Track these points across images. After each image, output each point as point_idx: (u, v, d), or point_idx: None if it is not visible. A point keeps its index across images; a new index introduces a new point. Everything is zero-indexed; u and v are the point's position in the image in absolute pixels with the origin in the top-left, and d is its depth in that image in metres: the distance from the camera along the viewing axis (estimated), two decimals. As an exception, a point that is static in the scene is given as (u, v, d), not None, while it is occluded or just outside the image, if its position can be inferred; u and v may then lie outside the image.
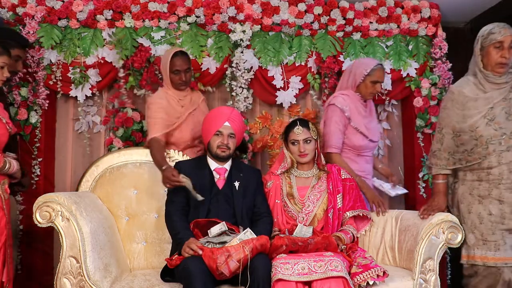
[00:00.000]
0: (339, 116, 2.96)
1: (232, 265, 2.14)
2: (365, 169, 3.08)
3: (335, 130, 2.95)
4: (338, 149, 2.97)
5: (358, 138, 3.00)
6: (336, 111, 2.97)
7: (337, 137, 2.95)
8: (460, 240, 2.42)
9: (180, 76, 2.93)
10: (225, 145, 2.59)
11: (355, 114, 3.00)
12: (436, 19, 3.64)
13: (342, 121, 2.96)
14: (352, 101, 3.01)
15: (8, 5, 3.24)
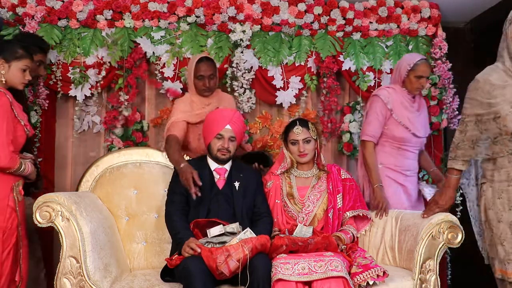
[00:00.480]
0: (380, 107, 2.97)
1: (232, 265, 2.14)
2: (403, 165, 3.03)
3: (373, 119, 2.98)
4: (373, 138, 2.98)
5: (399, 130, 2.98)
6: (379, 102, 2.99)
7: (373, 127, 2.98)
8: (460, 240, 2.41)
9: (204, 82, 2.91)
10: (225, 149, 2.58)
11: (398, 106, 2.99)
12: (436, 19, 3.64)
13: (382, 112, 2.97)
14: (397, 95, 3.01)
15: (8, 5, 3.25)
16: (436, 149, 3.68)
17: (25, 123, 2.50)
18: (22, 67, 2.49)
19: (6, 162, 2.33)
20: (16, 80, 2.48)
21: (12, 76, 2.47)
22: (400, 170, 3.00)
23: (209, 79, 2.91)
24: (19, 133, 2.45)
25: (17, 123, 2.44)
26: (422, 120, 3.10)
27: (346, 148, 3.66)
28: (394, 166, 2.99)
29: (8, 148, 2.33)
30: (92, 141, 3.48)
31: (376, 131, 2.98)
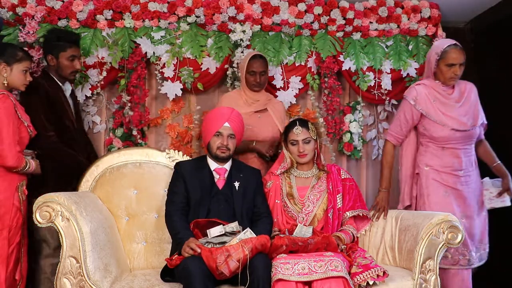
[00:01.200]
0: (406, 111, 2.87)
1: (232, 265, 2.14)
2: (452, 165, 2.81)
3: (397, 121, 2.92)
4: (393, 139, 2.94)
5: (437, 128, 2.80)
6: (406, 105, 2.88)
7: (395, 127, 2.92)
8: (460, 240, 2.41)
9: (255, 78, 3.09)
10: (224, 146, 2.59)
11: (429, 104, 2.81)
12: (436, 19, 3.64)
13: (410, 114, 2.86)
14: (428, 91, 2.83)
15: (8, 5, 3.24)
16: (436, 149, 3.67)
17: (28, 124, 2.60)
18: (23, 68, 2.59)
19: (14, 161, 2.47)
20: (18, 82, 2.60)
21: (14, 78, 2.58)
22: (448, 171, 2.81)
23: (260, 75, 3.09)
24: (23, 134, 2.57)
25: (21, 124, 2.56)
26: (466, 110, 2.83)
27: (346, 148, 3.66)
28: (441, 167, 2.81)
29: (14, 149, 2.47)
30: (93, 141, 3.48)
31: (398, 133, 2.92)
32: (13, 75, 2.58)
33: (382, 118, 3.80)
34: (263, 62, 3.12)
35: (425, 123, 2.83)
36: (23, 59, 2.59)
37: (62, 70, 2.93)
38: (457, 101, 2.84)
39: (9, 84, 2.57)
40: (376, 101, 3.70)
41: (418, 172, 2.89)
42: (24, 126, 2.58)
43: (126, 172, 2.79)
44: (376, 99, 3.67)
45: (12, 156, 2.46)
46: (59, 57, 2.90)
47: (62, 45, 2.90)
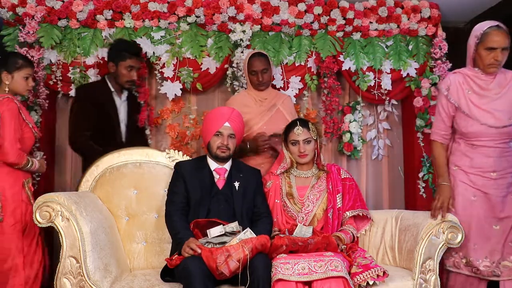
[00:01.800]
0: (442, 102, 2.61)
1: (232, 265, 2.14)
2: (483, 165, 2.52)
3: (436, 116, 2.66)
4: (438, 137, 2.64)
5: (467, 123, 2.52)
6: (440, 95, 2.65)
7: (438, 123, 2.64)
8: (460, 240, 2.41)
9: (257, 77, 3.07)
10: (225, 146, 2.59)
11: (462, 95, 2.54)
12: (436, 19, 3.64)
13: (446, 106, 2.59)
14: (464, 79, 2.56)
15: (8, 5, 3.25)
16: (436, 149, 3.68)
17: (32, 126, 2.76)
18: (24, 75, 2.73)
19: (14, 158, 2.60)
20: (20, 88, 2.74)
21: (16, 85, 2.73)
22: (478, 172, 2.53)
23: (262, 74, 3.07)
24: (27, 135, 2.72)
25: (25, 125, 2.71)
26: (504, 104, 2.50)
27: (346, 148, 3.66)
28: (469, 168, 2.55)
29: (15, 146, 2.60)
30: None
31: (442, 129, 2.62)
32: (15, 82, 2.72)
33: (382, 118, 3.81)
34: (263, 59, 3.08)
35: (456, 116, 2.57)
36: (23, 67, 2.72)
37: (119, 78, 3.09)
38: (496, 93, 2.50)
39: (11, 90, 2.71)
40: (376, 101, 3.70)
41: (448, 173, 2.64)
42: (28, 127, 2.73)
43: (126, 172, 2.79)
44: (376, 99, 3.67)
45: (13, 153, 2.59)
46: (118, 66, 3.06)
47: (123, 55, 3.05)
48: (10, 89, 2.71)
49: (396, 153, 3.87)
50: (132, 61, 3.07)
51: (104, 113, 3.05)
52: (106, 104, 3.07)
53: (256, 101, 3.12)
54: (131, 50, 3.09)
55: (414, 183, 3.68)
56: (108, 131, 3.05)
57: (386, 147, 3.83)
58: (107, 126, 3.06)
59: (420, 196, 3.63)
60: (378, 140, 3.79)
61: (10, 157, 2.58)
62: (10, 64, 2.71)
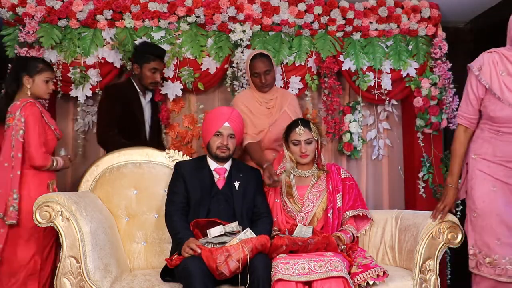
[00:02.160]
0: (472, 83, 2.41)
1: (232, 265, 2.14)
2: (506, 153, 2.35)
3: (464, 98, 2.46)
4: (465, 120, 2.45)
5: (496, 106, 2.34)
6: (471, 75, 2.43)
7: (465, 105, 2.44)
8: (460, 240, 2.41)
9: (260, 79, 3.04)
10: (224, 146, 2.59)
11: (494, 75, 2.35)
12: (436, 19, 3.64)
13: (475, 87, 2.40)
14: (500, 60, 2.37)
15: (8, 5, 3.24)
16: (436, 149, 3.68)
17: (54, 127, 2.83)
18: (44, 79, 2.79)
19: (41, 161, 2.68)
20: (40, 91, 2.80)
21: (37, 88, 2.78)
22: (500, 161, 2.36)
23: (265, 75, 3.03)
24: (50, 137, 2.79)
25: (48, 128, 2.78)
26: None
27: (346, 148, 3.66)
28: (491, 156, 2.37)
29: (40, 150, 2.68)
30: (93, 141, 3.48)
31: (469, 112, 2.43)
32: (36, 85, 2.78)
33: (382, 118, 3.81)
34: (265, 60, 3.04)
35: (486, 99, 2.38)
36: (43, 70, 2.79)
37: (143, 79, 3.14)
38: None
39: (32, 94, 2.77)
40: (376, 101, 3.70)
41: (467, 162, 2.49)
42: (50, 129, 2.80)
43: (126, 172, 2.79)
44: (376, 99, 3.67)
45: (39, 157, 2.67)
46: (143, 68, 3.11)
47: (148, 57, 3.10)
48: (31, 92, 2.77)
49: (396, 153, 3.87)
50: (156, 64, 3.11)
51: (131, 112, 3.10)
52: (133, 104, 3.13)
53: (261, 103, 3.09)
54: (155, 53, 3.15)
55: (414, 183, 3.68)
56: (133, 130, 3.10)
57: (386, 147, 3.83)
58: (133, 125, 3.11)
59: (420, 196, 3.63)
60: (378, 140, 3.79)
61: (36, 161, 2.67)
62: (31, 68, 2.77)
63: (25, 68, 2.78)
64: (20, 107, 2.65)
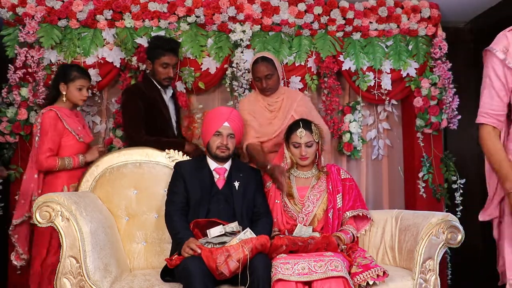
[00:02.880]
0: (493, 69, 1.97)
1: (232, 265, 2.14)
2: None
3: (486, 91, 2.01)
4: (490, 119, 2.01)
5: None
6: (492, 60, 1.98)
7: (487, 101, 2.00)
8: (460, 240, 2.41)
9: (261, 83, 2.99)
10: (224, 146, 2.59)
11: None
12: (436, 19, 3.64)
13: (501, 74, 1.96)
14: None
15: (8, 5, 3.25)
16: (436, 149, 3.68)
17: (77, 133, 2.88)
18: (77, 86, 2.90)
19: (44, 166, 2.77)
20: (74, 98, 2.91)
21: (71, 95, 2.90)
22: None
23: (266, 79, 2.97)
24: (70, 142, 2.86)
25: (67, 134, 2.84)
26: None
27: (346, 148, 3.66)
28: None
29: (44, 154, 2.76)
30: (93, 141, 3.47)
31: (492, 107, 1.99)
32: (69, 92, 2.89)
33: (382, 118, 3.81)
34: (267, 64, 2.96)
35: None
36: (76, 78, 2.89)
37: (156, 75, 3.07)
38: None
39: (68, 101, 2.90)
40: (376, 101, 3.70)
41: None
42: (71, 135, 2.86)
43: (126, 172, 2.79)
44: (376, 99, 3.68)
45: (42, 161, 2.76)
46: (154, 63, 3.05)
47: (158, 52, 3.02)
48: (67, 99, 2.89)
49: (396, 153, 3.87)
50: (167, 58, 3.02)
51: (157, 110, 3.05)
52: (157, 102, 3.06)
53: (265, 106, 3.07)
54: (165, 47, 3.04)
55: (414, 183, 3.68)
56: (161, 127, 3.06)
57: (386, 147, 3.83)
58: (161, 123, 3.07)
59: (420, 196, 3.63)
60: (378, 140, 3.79)
61: (39, 165, 2.78)
62: (66, 75, 2.89)
63: (61, 75, 2.90)
64: (40, 115, 2.81)
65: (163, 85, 3.10)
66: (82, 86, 2.91)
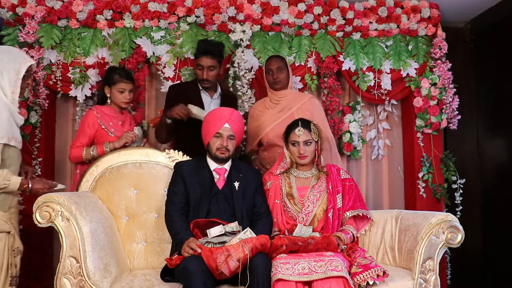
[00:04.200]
0: None
1: (232, 265, 2.14)
2: None
3: None
4: None
5: None
6: None
7: None
8: (460, 240, 2.41)
9: (272, 75, 3.15)
10: (224, 147, 2.58)
11: None
12: (436, 19, 3.64)
13: None
14: None
15: (8, 5, 3.25)
16: (436, 149, 3.68)
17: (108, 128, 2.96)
18: (119, 89, 2.99)
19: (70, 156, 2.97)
20: (116, 101, 3.02)
21: (114, 98, 3.01)
22: None
23: (277, 72, 3.14)
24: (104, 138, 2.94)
25: (101, 130, 2.94)
26: None
27: (346, 148, 3.66)
28: None
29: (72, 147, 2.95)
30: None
31: None
32: (112, 95, 3.01)
33: (382, 118, 3.81)
34: (279, 60, 3.17)
35: None
36: (117, 81, 2.98)
37: (196, 77, 3.13)
38: None
39: (112, 103, 3.02)
40: (376, 101, 3.70)
41: None
42: (107, 135, 2.96)
43: (126, 172, 2.79)
44: (376, 99, 3.68)
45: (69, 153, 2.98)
46: (194, 65, 3.11)
47: (196, 55, 3.09)
48: (111, 101, 3.02)
49: (396, 153, 3.87)
50: (202, 60, 3.04)
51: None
52: (192, 102, 3.03)
53: (270, 104, 3.17)
54: (201, 49, 3.08)
55: (414, 183, 3.68)
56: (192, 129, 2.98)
57: (386, 147, 3.83)
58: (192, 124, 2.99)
59: (420, 196, 3.63)
60: (378, 140, 3.79)
61: (69, 156, 2.99)
62: (109, 79, 3.01)
63: (106, 78, 3.03)
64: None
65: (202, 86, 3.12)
66: (123, 89, 2.99)
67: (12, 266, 2.44)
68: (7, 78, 2.43)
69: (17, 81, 2.44)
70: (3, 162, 2.39)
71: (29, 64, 2.50)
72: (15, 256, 2.47)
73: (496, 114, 3.79)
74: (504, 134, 3.69)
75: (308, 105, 3.16)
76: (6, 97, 2.42)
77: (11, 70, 2.43)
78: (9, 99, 2.44)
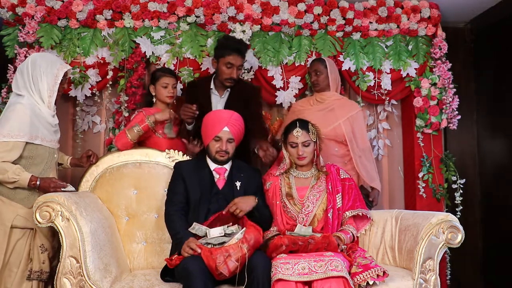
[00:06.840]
0: None
1: (231, 265, 2.14)
2: None
3: None
4: None
5: None
6: None
7: None
8: (460, 240, 2.41)
9: (311, 77, 3.31)
10: (223, 151, 2.58)
11: None
12: (436, 19, 3.64)
13: None
14: None
15: (8, 5, 3.24)
16: (436, 149, 3.68)
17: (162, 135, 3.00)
18: (162, 84, 3.04)
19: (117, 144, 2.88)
20: (161, 96, 3.05)
21: (158, 94, 3.05)
22: None
23: (316, 74, 3.27)
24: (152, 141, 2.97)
25: (151, 134, 2.96)
26: None
27: (346, 148, 3.65)
28: None
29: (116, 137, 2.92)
30: (92, 141, 3.48)
31: None
32: (157, 91, 3.05)
33: (382, 118, 3.81)
34: (319, 64, 3.27)
35: None
36: (161, 77, 3.04)
37: (219, 75, 3.06)
38: None
39: (158, 101, 3.06)
40: (376, 101, 3.70)
41: None
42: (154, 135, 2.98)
43: (126, 172, 2.79)
44: (376, 99, 3.67)
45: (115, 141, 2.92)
46: (219, 62, 3.05)
47: (224, 52, 3.01)
48: (157, 100, 3.06)
49: (396, 153, 3.86)
50: (232, 58, 2.98)
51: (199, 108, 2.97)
52: (201, 100, 3.03)
53: (315, 101, 3.29)
54: (231, 46, 3.02)
55: (414, 183, 3.68)
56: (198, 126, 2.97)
57: (386, 147, 3.82)
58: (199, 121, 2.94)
59: (420, 196, 3.63)
60: (378, 140, 3.78)
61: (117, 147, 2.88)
62: (153, 77, 3.07)
63: (151, 79, 3.10)
64: None
65: (225, 85, 3.07)
66: (166, 84, 3.03)
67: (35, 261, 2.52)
68: (46, 83, 2.59)
69: (54, 85, 2.61)
70: (25, 160, 2.52)
71: (66, 69, 2.66)
72: (42, 253, 2.55)
73: (496, 114, 3.79)
74: (504, 134, 3.69)
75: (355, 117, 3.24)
76: (42, 101, 2.60)
77: (50, 75, 2.59)
78: (46, 103, 2.61)
